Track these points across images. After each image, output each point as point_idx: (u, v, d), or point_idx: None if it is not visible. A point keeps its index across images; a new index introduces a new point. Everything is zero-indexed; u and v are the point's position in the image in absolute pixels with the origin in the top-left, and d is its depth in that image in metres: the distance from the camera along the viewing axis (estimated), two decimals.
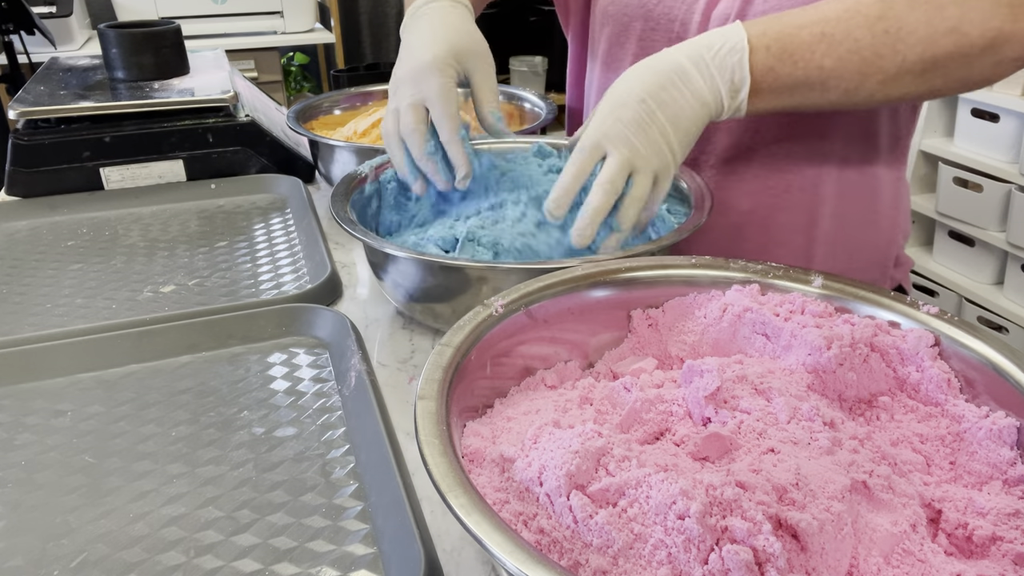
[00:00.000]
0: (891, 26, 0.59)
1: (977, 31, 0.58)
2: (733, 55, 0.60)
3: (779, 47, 0.60)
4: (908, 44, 0.59)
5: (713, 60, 0.60)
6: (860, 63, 0.59)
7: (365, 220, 0.75)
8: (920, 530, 0.39)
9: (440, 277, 0.62)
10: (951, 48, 0.58)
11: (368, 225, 0.74)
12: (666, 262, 0.56)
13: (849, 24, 0.59)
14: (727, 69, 0.60)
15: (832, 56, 0.59)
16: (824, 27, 0.60)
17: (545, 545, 0.37)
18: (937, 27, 0.58)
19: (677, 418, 0.43)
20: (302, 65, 3.02)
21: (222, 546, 0.47)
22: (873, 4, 0.59)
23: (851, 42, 0.59)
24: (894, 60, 0.59)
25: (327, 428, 0.57)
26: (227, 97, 1.02)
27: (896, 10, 0.59)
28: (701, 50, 0.60)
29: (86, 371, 0.64)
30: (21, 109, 0.96)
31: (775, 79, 0.60)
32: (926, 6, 0.58)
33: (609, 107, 0.61)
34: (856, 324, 0.48)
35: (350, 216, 0.68)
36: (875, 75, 0.60)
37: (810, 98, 0.62)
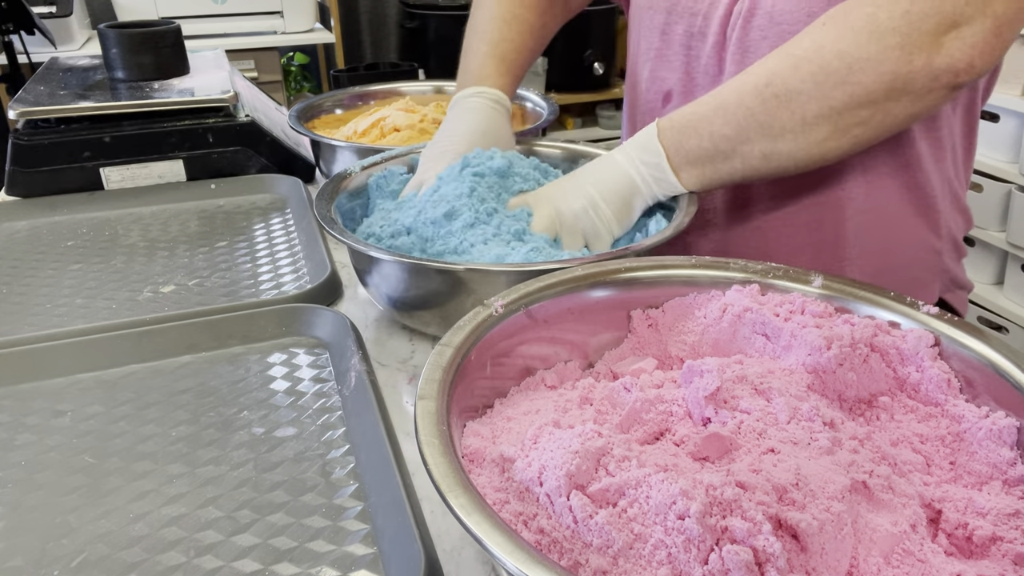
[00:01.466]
0: (779, 90, 0.60)
1: (870, 78, 0.58)
2: (645, 136, 0.66)
3: (681, 123, 0.65)
4: (800, 103, 0.60)
5: (632, 145, 0.67)
6: (759, 127, 0.61)
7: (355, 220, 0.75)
8: (920, 530, 0.39)
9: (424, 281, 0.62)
10: (847, 99, 0.59)
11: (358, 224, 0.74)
12: (666, 262, 0.56)
13: (739, 93, 0.62)
14: (643, 147, 0.66)
15: (731, 124, 0.62)
16: (718, 101, 0.63)
17: (545, 545, 0.37)
18: (823, 83, 0.59)
19: (677, 418, 0.43)
20: (302, 65, 3.02)
21: (222, 546, 0.47)
22: (760, 73, 0.62)
23: (743, 109, 0.62)
24: (792, 119, 0.60)
25: (327, 428, 0.57)
26: (227, 97, 1.02)
27: (780, 75, 0.60)
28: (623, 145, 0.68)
29: (86, 371, 0.64)
30: (21, 109, 0.96)
31: (688, 151, 0.64)
32: (809, 66, 0.59)
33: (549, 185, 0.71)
34: (856, 324, 0.48)
35: (333, 217, 0.68)
36: (782, 135, 0.61)
37: (735, 168, 0.64)
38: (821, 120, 0.60)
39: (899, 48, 0.57)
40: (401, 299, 0.65)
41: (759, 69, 0.62)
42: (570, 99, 2.95)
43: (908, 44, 0.56)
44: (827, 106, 0.59)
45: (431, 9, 2.77)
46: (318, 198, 0.70)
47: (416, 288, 0.63)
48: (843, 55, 0.58)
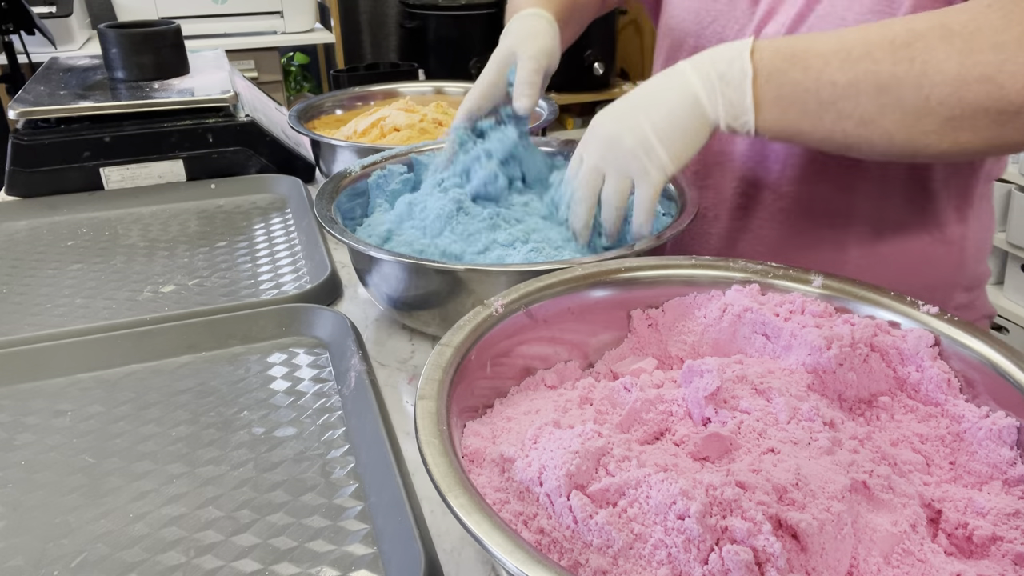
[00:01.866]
0: (917, 55, 0.51)
1: (1017, 86, 0.49)
2: (734, 50, 0.56)
3: (789, 50, 0.55)
4: (934, 81, 0.51)
5: (712, 55, 0.57)
6: (877, 88, 0.52)
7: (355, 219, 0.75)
8: (920, 530, 0.39)
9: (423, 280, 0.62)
10: (982, 98, 0.50)
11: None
12: (666, 262, 0.56)
13: (870, 44, 0.53)
14: (723, 60, 0.56)
15: (847, 72, 0.53)
16: (843, 42, 0.54)
17: (545, 545, 0.37)
18: (970, 71, 0.50)
19: (677, 418, 0.43)
20: (302, 65, 3.02)
21: (222, 546, 0.47)
22: (901, 30, 0.52)
23: (870, 62, 0.52)
24: (917, 95, 0.52)
25: (327, 428, 0.57)
26: (227, 97, 1.02)
27: (926, 41, 0.51)
28: (704, 53, 0.58)
29: (86, 371, 0.64)
30: (21, 109, 0.96)
31: (782, 83, 0.55)
32: (960, 44, 0.50)
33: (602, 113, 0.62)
34: (856, 324, 0.48)
35: (333, 216, 0.68)
36: (894, 108, 0.53)
37: (823, 123, 0.55)
38: (942, 110, 0.51)
39: None
40: (401, 299, 0.65)
41: (902, 25, 0.53)
42: (570, 99, 2.95)
43: None
44: (957, 97, 0.51)
45: (431, 9, 2.77)
46: (318, 198, 0.70)
47: (416, 288, 0.63)
48: (1000, 48, 0.49)
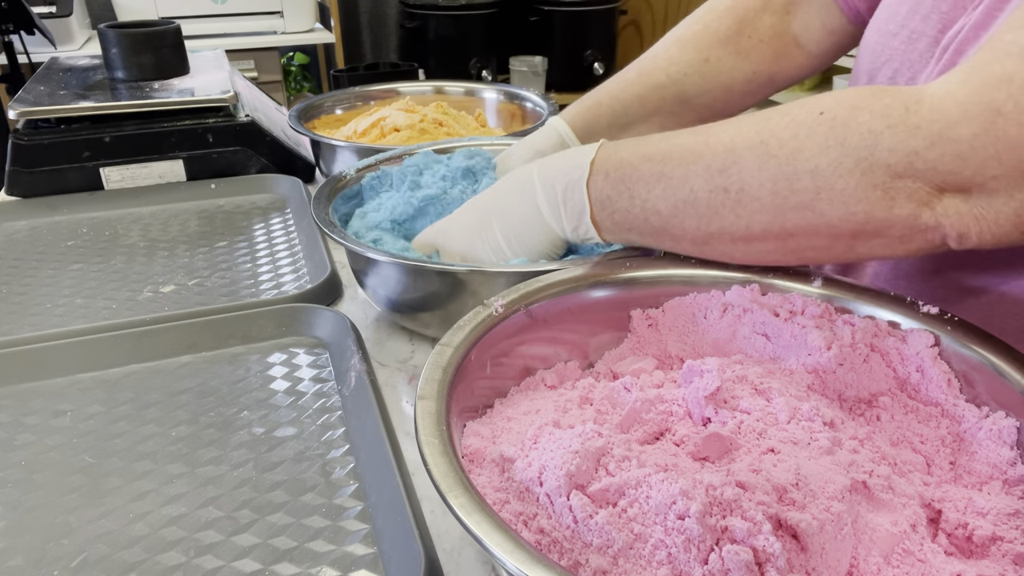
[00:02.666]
0: (732, 184, 0.49)
1: (837, 213, 0.46)
2: (575, 172, 0.56)
3: (617, 176, 0.54)
4: (750, 210, 0.48)
5: (559, 178, 0.57)
6: (697, 217, 0.51)
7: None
8: (920, 530, 0.39)
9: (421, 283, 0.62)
10: (804, 226, 0.47)
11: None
12: (666, 262, 0.56)
13: (688, 170, 0.51)
14: (569, 187, 0.56)
15: (668, 202, 0.51)
16: (664, 166, 0.52)
17: (545, 545, 0.37)
18: (786, 199, 0.47)
19: (677, 418, 0.43)
20: (302, 65, 3.02)
21: (222, 546, 0.47)
22: (720, 152, 0.50)
23: (687, 192, 0.51)
24: (737, 223, 0.49)
25: (327, 428, 0.57)
26: (227, 97, 1.02)
27: (741, 165, 0.48)
28: (556, 164, 0.57)
29: (86, 371, 0.64)
30: (21, 109, 0.96)
31: (612, 211, 0.54)
32: (775, 170, 0.47)
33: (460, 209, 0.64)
34: (856, 324, 0.48)
35: (331, 219, 0.68)
36: (720, 235, 0.51)
37: (663, 242, 0.54)
38: (769, 236, 0.49)
39: (882, 190, 0.44)
40: (400, 301, 0.65)
41: (722, 141, 0.50)
42: (570, 99, 2.91)
43: (896, 188, 0.44)
44: (779, 225, 0.48)
45: (431, 9, 2.77)
46: (315, 200, 0.70)
47: (415, 290, 0.63)
48: (816, 174, 0.46)
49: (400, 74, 2.61)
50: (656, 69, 0.76)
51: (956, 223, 0.44)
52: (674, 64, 0.75)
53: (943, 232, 0.45)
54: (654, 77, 0.76)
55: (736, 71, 0.76)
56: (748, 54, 0.76)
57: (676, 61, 0.75)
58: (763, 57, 0.76)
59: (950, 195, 0.43)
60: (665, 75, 0.75)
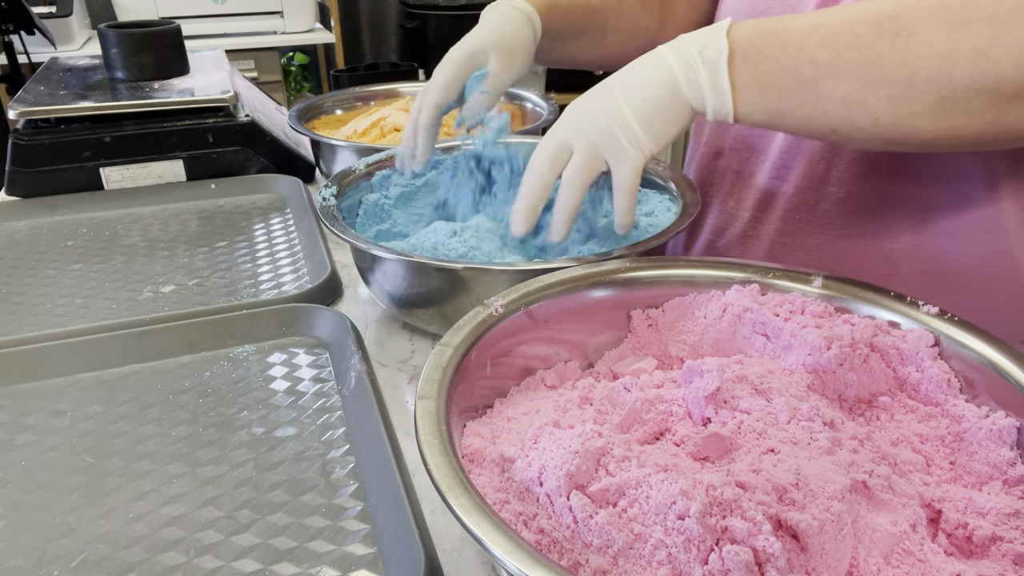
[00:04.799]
0: (902, 28, 0.48)
1: (1012, 62, 0.45)
2: (712, 30, 0.53)
3: (767, 28, 0.52)
4: (921, 56, 0.47)
5: (690, 37, 0.54)
6: (861, 64, 0.49)
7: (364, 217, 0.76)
8: (920, 530, 0.39)
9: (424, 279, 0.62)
10: (974, 74, 0.46)
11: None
12: (666, 262, 0.56)
13: (854, 18, 0.49)
14: (701, 40, 0.53)
15: (828, 48, 0.49)
16: (823, 17, 0.50)
17: (545, 545, 0.37)
18: (960, 44, 0.46)
19: (677, 418, 0.43)
20: (302, 65, 3.02)
21: (222, 546, 0.47)
22: (888, 2, 0.49)
23: (851, 36, 0.49)
24: (903, 71, 0.48)
25: (327, 428, 0.57)
26: (227, 97, 1.02)
27: (913, 12, 0.48)
28: (686, 35, 0.55)
29: (86, 371, 0.64)
30: (21, 109, 0.96)
31: (759, 60, 0.51)
32: (951, 16, 0.47)
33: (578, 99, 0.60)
34: (856, 324, 0.48)
35: (335, 215, 0.68)
36: (879, 86, 0.49)
37: (804, 103, 0.51)
38: (931, 87, 0.48)
39: None
40: (403, 297, 0.65)
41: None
42: (570, 99, 2.90)
43: None
44: (947, 73, 0.47)
45: (431, 9, 2.77)
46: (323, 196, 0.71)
47: (417, 286, 0.63)
48: (994, 20, 0.46)
49: (400, 74, 2.61)
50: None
51: None
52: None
53: None
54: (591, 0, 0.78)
55: (637, 21, 0.81)
56: (647, 9, 0.81)
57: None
58: (653, 18, 0.82)
59: None
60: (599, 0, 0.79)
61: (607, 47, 0.82)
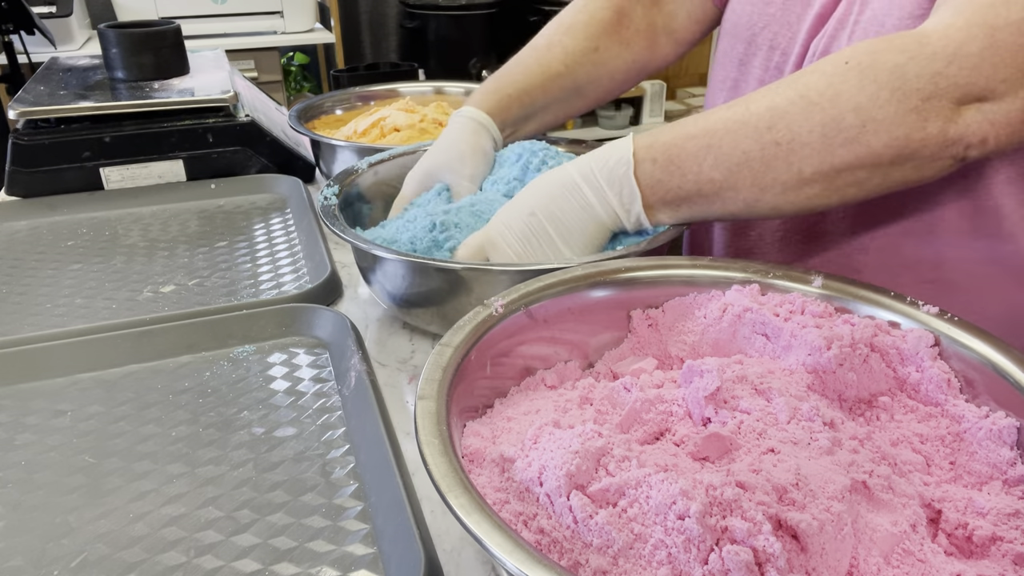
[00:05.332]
0: (782, 137, 0.54)
1: (881, 142, 0.52)
2: (620, 167, 0.59)
3: (665, 159, 0.58)
4: (801, 156, 0.54)
5: (601, 172, 0.59)
6: (752, 176, 0.55)
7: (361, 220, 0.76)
8: (920, 530, 0.39)
9: (424, 279, 0.62)
10: (851, 160, 0.53)
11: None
12: (666, 262, 0.56)
13: (736, 135, 0.55)
14: (615, 182, 0.59)
15: (721, 168, 0.56)
16: (710, 139, 0.56)
17: (545, 545, 0.37)
18: (833, 139, 0.53)
19: (677, 418, 0.43)
20: (302, 65, 3.02)
21: (222, 546, 0.47)
22: (763, 113, 0.55)
23: (739, 154, 0.55)
24: (789, 171, 0.54)
25: (327, 428, 0.57)
26: (227, 97, 1.02)
27: (787, 120, 0.54)
28: (592, 163, 0.60)
29: (86, 371, 0.64)
30: (21, 109, 0.96)
31: (665, 192, 0.58)
32: (821, 116, 0.53)
33: (501, 217, 0.63)
34: (856, 324, 0.48)
35: (336, 214, 0.68)
36: (772, 187, 0.55)
37: (712, 210, 0.58)
38: (818, 178, 0.54)
39: (916, 112, 0.51)
40: (403, 297, 0.65)
41: (762, 105, 0.55)
42: None
43: (927, 109, 0.51)
44: (828, 164, 0.53)
45: (431, 9, 2.77)
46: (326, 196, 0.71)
47: (418, 287, 0.63)
48: (860, 110, 0.52)
49: (400, 74, 2.61)
50: (554, 59, 0.80)
51: (976, 131, 0.51)
52: (569, 54, 0.80)
53: (966, 142, 0.52)
54: (553, 67, 0.80)
55: (620, 60, 0.82)
56: (629, 43, 0.82)
57: (570, 51, 0.80)
58: (640, 46, 0.83)
59: (968, 107, 0.51)
60: (563, 65, 0.80)
61: (588, 99, 0.84)
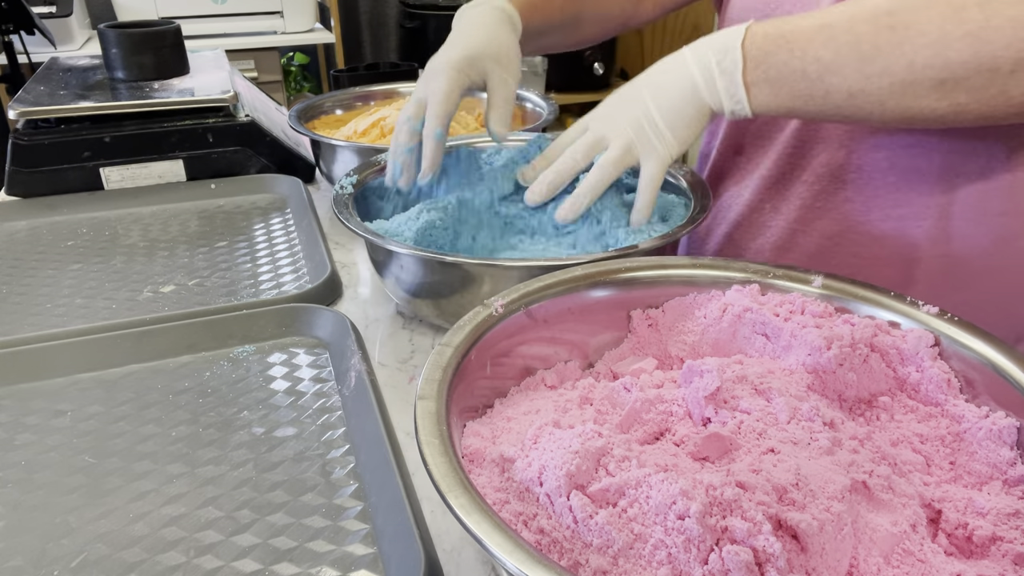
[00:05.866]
0: (898, 22, 0.52)
1: (1003, 41, 0.49)
2: (729, 38, 0.58)
3: (777, 33, 0.57)
4: (916, 45, 0.52)
5: (710, 44, 0.59)
6: (860, 59, 0.54)
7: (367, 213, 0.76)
8: (920, 530, 0.39)
9: (442, 274, 0.62)
10: (968, 56, 0.50)
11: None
12: (666, 262, 0.56)
13: (853, 16, 0.54)
14: (720, 49, 0.58)
15: (830, 47, 0.54)
16: (826, 18, 0.55)
17: (545, 545, 0.37)
18: (953, 30, 0.50)
19: (677, 418, 0.43)
20: (302, 65, 3.02)
21: (222, 546, 0.47)
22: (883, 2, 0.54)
23: (851, 35, 0.54)
24: (900, 61, 0.52)
25: (327, 428, 0.57)
26: (227, 97, 1.02)
27: (908, 5, 0.52)
28: (705, 40, 0.60)
29: (86, 371, 0.64)
30: (21, 109, 0.96)
31: (770, 66, 0.57)
32: (943, 6, 0.51)
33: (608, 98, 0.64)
34: (856, 324, 0.48)
35: (351, 212, 0.68)
36: (880, 76, 0.53)
37: (814, 98, 0.56)
38: (929, 72, 0.52)
39: None
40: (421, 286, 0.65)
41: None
42: (570, 99, 2.95)
43: None
44: (943, 58, 0.51)
45: (431, 9, 2.77)
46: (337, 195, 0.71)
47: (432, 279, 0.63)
48: (985, 4, 0.49)
49: (400, 74, 2.61)
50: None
51: None
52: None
53: None
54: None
55: (614, 5, 0.84)
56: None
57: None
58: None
59: None
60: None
61: (580, 35, 0.85)
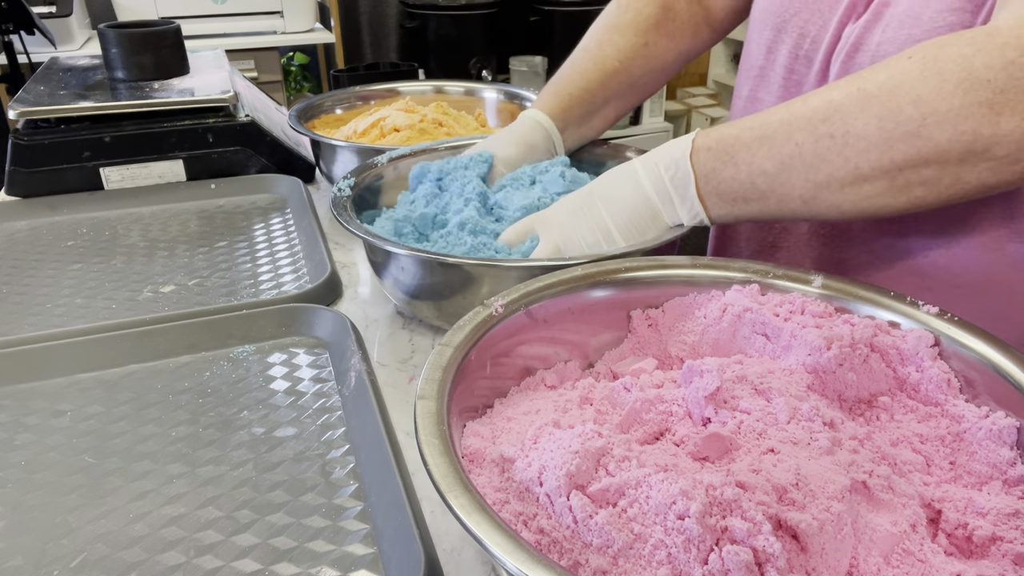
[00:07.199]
0: (836, 130, 0.52)
1: (944, 136, 0.48)
2: (676, 150, 0.59)
3: (720, 147, 0.57)
4: (858, 149, 0.51)
5: (660, 159, 0.60)
6: (805, 168, 0.53)
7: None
8: (920, 530, 0.39)
9: (442, 275, 0.62)
10: (913, 155, 0.50)
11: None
12: (666, 262, 0.56)
13: (791, 127, 0.54)
14: (671, 165, 0.59)
15: (774, 159, 0.54)
16: (765, 130, 0.55)
17: (545, 545, 0.37)
18: (890, 132, 0.50)
19: (677, 418, 0.43)
20: (302, 65, 3.02)
21: (222, 546, 0.47)
22: (819, 106, 0.53)
23: (791, 145, 0.54)
24: (845, 167, 0.52)
25: (327, 428, 0.57)
26: (227, 97, 1.02)
27: (843, 111, 0.52)
28: (655, 153, 0.61)
29: (86, 371, 0.64)
30: (21, 109, 0.96)
31: (720, 181, 0.57)
32: (878, 108, 0.50)
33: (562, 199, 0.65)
34: (856, 324, 0.48)
35: (350, 213, 0.68)
36: (829, 184, 0.53)
37: (768, 207, 0.57)
38: (877, 174, 0.51)
39: (988, 105, 0.47)
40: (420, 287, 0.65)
41: (819, 98, 0.53)
42: None
43: (1000, 102, 0.46)
44: (887, 159, 0.50)
45: (431, 9, 2.77)
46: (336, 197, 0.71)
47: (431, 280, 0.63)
48: (920, 102, 0.48)
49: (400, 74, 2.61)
50: (607, 56, 0.82)
51: None
52: (621, 51, 0.82)
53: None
54: (608, 65, 0.81)
55: (668, 52, 0.84)
56: (674, 36, 0.84)
57: (621, 47, 0.82)
58: (684, 37, 0.85)
59: None
60: (617, 61, 0.81)
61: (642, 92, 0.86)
